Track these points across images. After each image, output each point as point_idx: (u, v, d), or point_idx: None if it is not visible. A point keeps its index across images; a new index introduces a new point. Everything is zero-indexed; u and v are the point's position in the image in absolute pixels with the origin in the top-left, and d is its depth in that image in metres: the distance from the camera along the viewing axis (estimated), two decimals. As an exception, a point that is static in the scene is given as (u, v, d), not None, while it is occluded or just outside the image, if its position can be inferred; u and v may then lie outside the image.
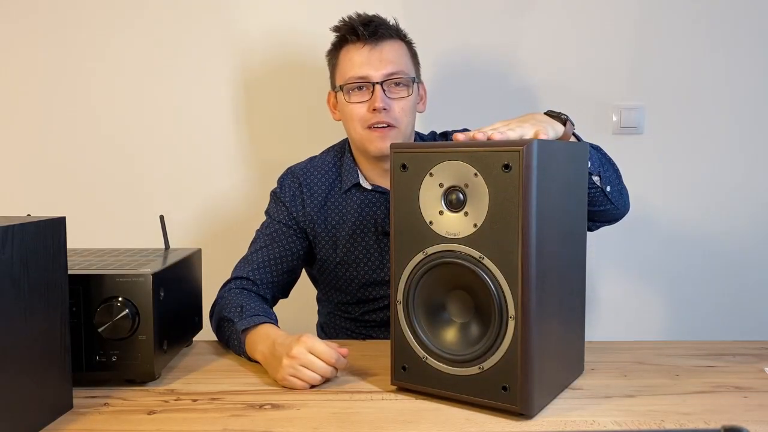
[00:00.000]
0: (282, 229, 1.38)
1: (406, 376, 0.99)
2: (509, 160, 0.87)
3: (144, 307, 1.01)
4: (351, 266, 1.39)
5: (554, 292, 0.95)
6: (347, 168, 1.40)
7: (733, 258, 1.81)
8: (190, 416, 0.93)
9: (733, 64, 1.77)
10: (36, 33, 1.77)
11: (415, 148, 0.97)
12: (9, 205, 1.79)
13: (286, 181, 1.42)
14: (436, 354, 0.96)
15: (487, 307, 0.92)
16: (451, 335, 0.96)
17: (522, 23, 1.76)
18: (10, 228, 0.81)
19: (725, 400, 0.97)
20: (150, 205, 1.78)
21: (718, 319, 1.82)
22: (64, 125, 1.80)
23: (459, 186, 0.92)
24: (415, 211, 0.96)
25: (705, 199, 1.80)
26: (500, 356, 0.90)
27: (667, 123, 1.78)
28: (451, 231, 0.93)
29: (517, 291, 0.88)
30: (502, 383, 0.90)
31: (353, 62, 1.32)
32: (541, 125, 1.01)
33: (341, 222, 1.39)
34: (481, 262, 0.90)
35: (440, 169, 0.93)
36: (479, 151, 0.90)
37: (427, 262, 0.95)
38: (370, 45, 1.31)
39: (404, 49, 1.36)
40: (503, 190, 0.88)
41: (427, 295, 0.97)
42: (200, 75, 1.78)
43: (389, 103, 1.31)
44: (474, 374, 0.92)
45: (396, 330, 0.99)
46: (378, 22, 1.33)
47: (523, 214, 0.87)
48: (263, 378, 1.08)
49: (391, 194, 0.98)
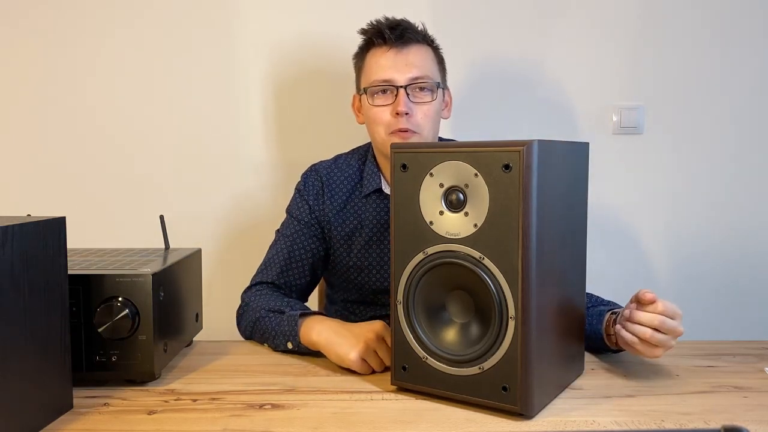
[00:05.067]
0: (303, 229, 1.39)
1: (406, 376, 0.99)
2: (509, 160, 0.87)
3: (144, 307, 1.01)
4: (364, 272, 1.39)
5: (554, 292, 0.95)
6: (369, 173, 1.40)
7: (734, 257, 1.81)
8: (190, 416, 0.93)
9: (733, 64, 1.77)
10: (36, 32, 1.77)
11: (415, 148, 0.97)
12: (9, 205, 1.79)
13: (310, 178, 1.43)
14: (436, 354, 0.96)
15: (487, 308, 0.92)
16: (452, 335, 0.96)
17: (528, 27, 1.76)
18: (10, 228, 0.81)
19: (725, 400, 0.97)
20: (150, 205, 1.78)
21: (718, 319, 1.82)
22: (64, 125, 1.80)
23: (459, 186, 0.92)
24: (415, 211, 0.96)
25: (705, 198, 1.80)
26: (500, 356, 0.90)
27: (667, 123, 1.78)
28: (451, 231, 0.93)
29: (517, 291, 0.88)
30: (502, 383, 0.90)
31: (379, 65, 1.32)
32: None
33: (359, 227, 1.39)
34: (481, 262, 0.91)
35: (440, 169, 0.93)
36: (479, 151, 0.90)
37: (427, 263, 0.95)
38: (396, 49, 1.31)
39: (430, 54, 1.35)
40: (503, 190, 0.88)
41: (427, 295, 0.97)
42: (199, 73, 1.78)
43: (412, 107, 1.30)
44: (474, 374, 0.93)
45: (396, 330, 0.99)
46: (405, 26, 1.33)
47: (524, 214, 0.87)
48: (263, 378, 1.08)
49: (391, 194, 0.98)
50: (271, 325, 1.22)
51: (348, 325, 1.15)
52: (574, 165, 1.01)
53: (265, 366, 1.15)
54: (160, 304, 1.04)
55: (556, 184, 0.94)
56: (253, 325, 1.26)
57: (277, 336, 1.20)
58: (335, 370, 1.12)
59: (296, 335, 1.17)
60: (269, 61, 1.77)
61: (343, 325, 1.15)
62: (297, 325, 1.18)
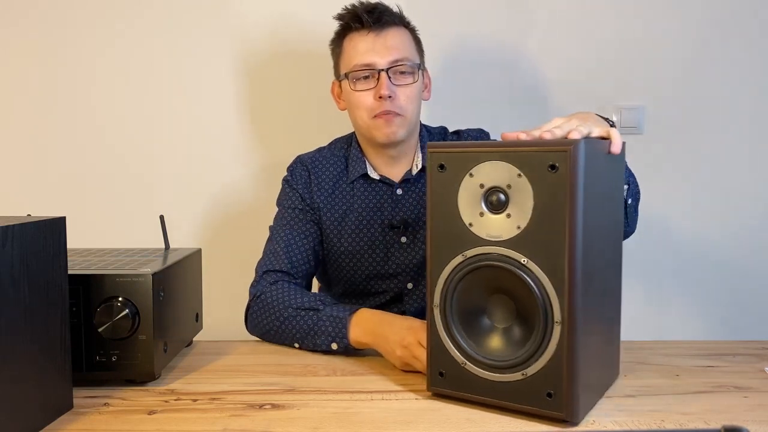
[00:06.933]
0: (299, 215, 1.39)
1: (443, 382, 0.95)
2: (556, 160, 0.84)
3: (144, 307, 1.01)
4: (355, 257, 1.39)
5: (597, 295, 0.92)
6: (354, 158, 1.40)
7: (734, 258, 1.81)
8: (190, 416, 0.93)
9: (733, 63, 1.77)
10: (36, 32, 1.77)
11: (453, 147, 0.93)
12: (9, 205, 1.79)
13: (297, 168, 1.43)
14: (476, 360, 0.92)
15: (529, 312, 0.89)
16: (492, 340, 0.93)
17: (523, 21, 1.76)
18: (10, 228, 0.81)
19: (725, 400, 0.97)
20: (150, 205, 1.78)
21: (718, 319, 1.82)
22: (64, 125, 1.80)
23: (501, 187, 0.88)
24: (454, 212, 0.92)
25: (705, 199, 1.80)
26: (545, 362, 0.87)
27: (667, 123, 1.78)
28: (492, 233, 0.90)
29: (564, 295, 0.85)
30: (546, 389, 0.87)
31: (358, 50, 1.32)
32: (600, 126, 0.96)
33: (348, 212, 1.39)
34: (525, 265, 0.87)
35: (481, 170, 0.90)
36: (523, 150, 0.86)
37: (466, 265, 0.91)
38: (375, 32, 1.31)
39: (408, 36, 1.36)
40: (548, 191, 0.85)
41: (466, 299, 0.93)
42: (199, 73, 1.78)
43: (394, 90, 1.30)
44: (516, 380, 0.89)
45: (432, 335, 0.95)
46: (382, 8, 1.33)
47: (571, 215, 0.84)
48: (263, 378, 1.08)
49: (427, 195, 0.94)
50: (308, 324, 1.19)
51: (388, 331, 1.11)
52: (613, 165, 0.99)
53: (265, 366, 1.15)
54: (160, 304, 1.04)
55: (598, 184, 0.91)
56: (279, 324, 1.22)
57: (317, 336, 1.18)
58: (335, 370, 1.12)
59: (345, 337, 1.16)
60: (269, 60, 1.77)
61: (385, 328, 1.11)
62: (346, 327, 1.15)
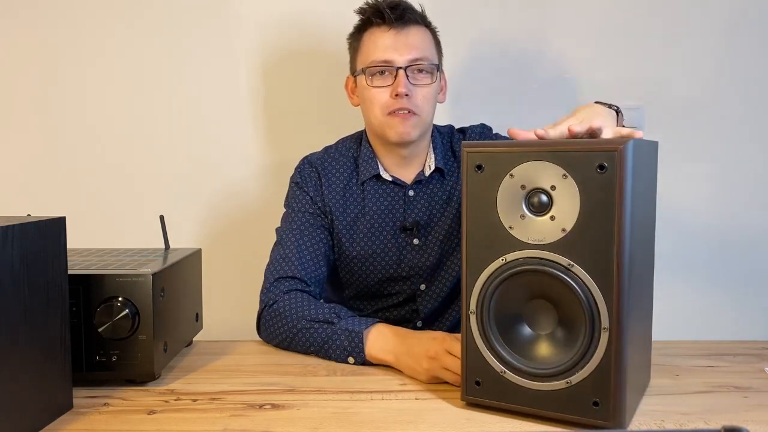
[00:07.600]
0: (309, 220, 1.35)
1: (480, 391, 0.92)
2: (605, 160, 0.81)
3: (144, 307, 1.01)
4: (368, 261, 1.37)
5: (639, 299, 0.90)
6: (365, 158, 1.37)
7: (734, 257, 1.81)
8: (190, 416, 0.93)
9: (733, 63, 1.76)
10: (36, 31, 1.77)
11: (492, 147, 0.90)
12: (9, 205, 1.79)
13: (306, 170, 1.39)
14: (515, 368, 0.89)
15: (573, 318, 0.86)
16: (533, 348, 0.89)
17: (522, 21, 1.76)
18: (10, 228, 0.81)
19: (725, 400, 0.97)
20: (150, 205, 1.78)
21: (718, 319, 1.82)
22: (64, 125, 1.80)
23: (544, 188, 0.85)
24: (492, 214, 0.88)
25: (705, 198, 1.80)
26: (591, 370, 0.84)
27: (667, 123, 1.78)
28: (534, 236, 0.86)
29: (612, 300, 0.82)
30: (593, 398, 0.84)
31: (377, 45, 1.30)
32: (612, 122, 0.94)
33: (360, 215, 1.36)
34: (570, 270, 0.84)
35: (522, 170, 0.86)
36: (569, 150, 0.83)
37: (505, 270, 0.88)
38: (396, 29, 1.29)
39: (429, 36, 1.34)
40: (596, 192, 0.82)
41: (503, 304, 0.90)
42: (200, 72, 1.78)
43: (412, 89, 1.28)
44: (560, 389, 0.86)
45: (468, 342, 0.92)
46: (405, 6, 1.31)
47: (619, 217, 0.81)
48: (263, 378, 1.08)
49: (463, 196, 0.91)
50: (322, 337, 1.16)
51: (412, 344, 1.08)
52: (650, 165, 0.96)
53: (265, 366, 1.15)
54: (160, 304, 1.04)
55: (641, 185, 0.88)
56: (293, 336, 1.20)
57: (332, 350, 1.15)
58: (335, 370, 1.12)
59: (361, 352, 1.13)
60: (270, 61, 1.77)
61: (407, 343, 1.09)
62: (362, 342, 1.13)
